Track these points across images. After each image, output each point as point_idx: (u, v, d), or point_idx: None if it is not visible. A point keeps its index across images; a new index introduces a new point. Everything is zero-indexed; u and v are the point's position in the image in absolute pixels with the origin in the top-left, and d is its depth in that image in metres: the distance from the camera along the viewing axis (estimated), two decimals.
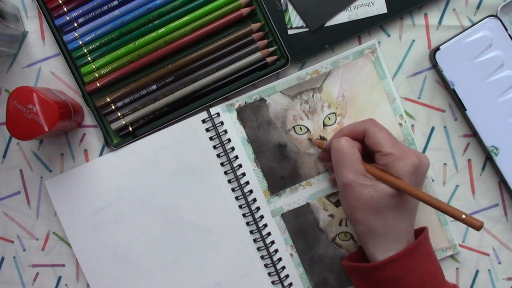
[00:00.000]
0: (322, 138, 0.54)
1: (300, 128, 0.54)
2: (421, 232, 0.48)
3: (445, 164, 0.55)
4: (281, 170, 0.54)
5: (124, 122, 0.54)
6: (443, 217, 0.54)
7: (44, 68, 0.56)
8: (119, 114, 0.54)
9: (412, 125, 0.55)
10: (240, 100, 0.54)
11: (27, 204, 0.56)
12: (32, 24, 0.56)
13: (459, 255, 0.55)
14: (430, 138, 0.55)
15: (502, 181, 0.55)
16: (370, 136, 0.47)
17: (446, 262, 0.55)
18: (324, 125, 0.54)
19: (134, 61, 0.54)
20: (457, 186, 0.55)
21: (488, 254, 0.55)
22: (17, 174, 0.56)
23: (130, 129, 0.54)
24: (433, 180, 0.55)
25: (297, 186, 0.55)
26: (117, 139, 0.55)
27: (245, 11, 0.53)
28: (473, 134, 0.54)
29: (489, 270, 0.55)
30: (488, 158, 0.55)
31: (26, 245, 0.57)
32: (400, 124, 0.54)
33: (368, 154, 0.48)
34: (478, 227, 0.41)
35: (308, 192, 0.55)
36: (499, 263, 0.55)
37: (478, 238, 0.55)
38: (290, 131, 0.54)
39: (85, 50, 0.54)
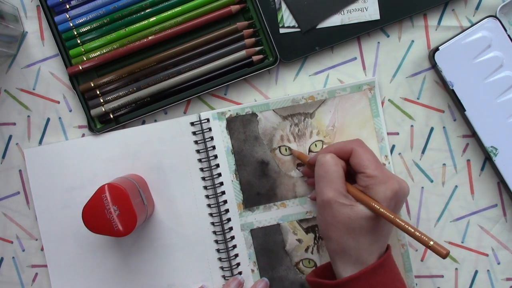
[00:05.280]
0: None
1: (286, 149, 0.54)
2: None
3: (444, 164, 0.55)
4: (258, 187, 0.55)
5: (104, 109, 0.54)
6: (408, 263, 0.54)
7: (44, 69, 0.56)
8: (101, 101, 0.55)
9: (411, 126, 0.55)
10: (232, 111, 0.54)
11: (26, 205, 0.56)
12: (32, 25, 0.56)
13: (458, 255, 0.55)
14: (429, 138, 0.55)
15: (501, 182, 0.55)
16: (356, 156, 0.47)
17: (445, 263, 0.55)
18: (310, 151, 0.54)
19: (123, 47, 0.54)
20: (456, 186, 0.55)
21: (487, 255, 0.55)
22: (16, 174, 0.56)
23: (111, 116, 0.55)
24: (432, 181, 0.55)
25: (271, 205, 0.55)
26: (100, 124, 0.56)
27: (234, 8, 0.53)
28: (472, 134, 0.54)
29: (488, 270, 0.55)
30: (487, 159, 0.55)
31: (25, 245, 0.57)
32: (384, 165, 0.53)
33: (351, 174, 0.48)
34: (443, 255, 0.41)
35: (281, 213, 0.55)
36: (498, 263, 0.55)
37: (477, 239, 0.55)
38: (275, 150, 0.55)
39: (75, 33, 0.54)
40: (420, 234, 0.43)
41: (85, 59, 0.54)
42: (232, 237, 0.55)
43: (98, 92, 0.55)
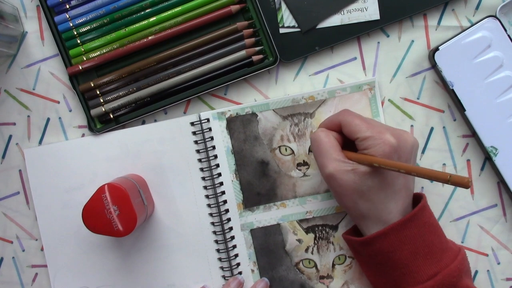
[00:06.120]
0: (305, 163, 0.54)
1: (286, 149, 0.54)
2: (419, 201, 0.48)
3: (444, 164, 0.55)
4: (258, 187, 0.55)
5: (104, 109, 0.54)
6: None
7: (44, 69, 0.56)
8: (101, 101, 0.55)
9: (411, 126, 0.55)
10: (232, 111, 0.54)
11: (26, 205, 0.56)
12: (31, 25, 0.56)
13: None
14: (429, 138, 0.55)
15: (501, 182, 0.55)
16: (345, 125, 0.47)
17: None
18: (310, 151, 0.54)
19: (123, 47, 0.54)
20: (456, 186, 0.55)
21: (487, 255, 0.55)
22: (16, 174, 0.56)
23: (111, 116, 0.55)
24: (432, 181, 0.55)
25: (271, 205, 0.55)
26: (100, 124, 0.56)
27: (234, 8, 0.54)
28: (472, 134, 0.54)
29: (488, 270, 0.55)
30: (487, 159, 0.55)
31: (25, 245, 0.57)
32: None
33: (352, 144, 0.48)
34: (466, 183, 0.38)
35: (281, 213, 0.55)
36: (498, 263, 0.55)
37: (477, 239, 0.55)
38: (275, 150, 0.55)
39: (75, 33, 0.54)
40: (434, 172, 0.40)
41: (85, 59, 0.54)
42: (232, 237, 0.55)
43: (98, 92, 0.55)
